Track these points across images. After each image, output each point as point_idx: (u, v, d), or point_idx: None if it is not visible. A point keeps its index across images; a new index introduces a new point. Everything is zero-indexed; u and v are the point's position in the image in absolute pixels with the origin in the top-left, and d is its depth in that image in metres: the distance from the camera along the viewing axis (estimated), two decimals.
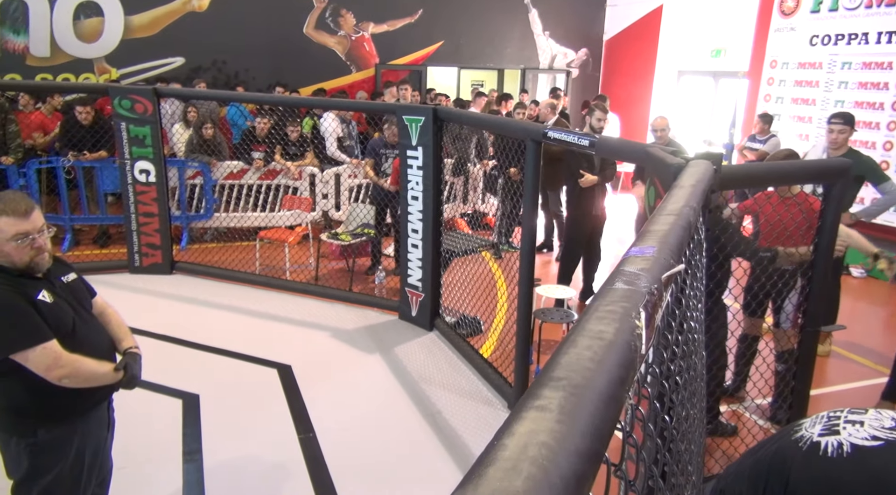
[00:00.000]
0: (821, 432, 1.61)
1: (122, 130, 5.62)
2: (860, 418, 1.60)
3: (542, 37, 11.34)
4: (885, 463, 1.39)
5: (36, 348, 1.96)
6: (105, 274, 5.70)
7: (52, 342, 1.99)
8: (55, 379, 2.00)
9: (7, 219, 1.98)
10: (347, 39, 10.04)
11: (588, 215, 5.38)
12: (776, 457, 1.75)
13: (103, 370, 2.14)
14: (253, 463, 3.27)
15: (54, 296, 2.08)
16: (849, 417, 1.61)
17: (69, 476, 2.15)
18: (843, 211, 4.32)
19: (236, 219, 6.92)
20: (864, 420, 1.59)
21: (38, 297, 2.02)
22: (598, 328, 0.61)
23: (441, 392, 4.06)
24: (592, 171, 5.24)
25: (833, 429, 1.60)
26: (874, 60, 7.30)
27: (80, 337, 2.12)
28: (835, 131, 4.53)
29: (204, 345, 4.54)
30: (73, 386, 2.05)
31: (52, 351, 1.98)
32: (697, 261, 1.41)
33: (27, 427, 2.06)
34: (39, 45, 8.37)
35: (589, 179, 5.19)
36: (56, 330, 2.02)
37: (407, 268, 5.02)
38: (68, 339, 2.06)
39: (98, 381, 2.13)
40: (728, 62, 9.49)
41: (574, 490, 0.41)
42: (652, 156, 2.34)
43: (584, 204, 5.34)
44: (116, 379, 2.18)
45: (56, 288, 2.12)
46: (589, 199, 5.32)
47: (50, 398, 2.05)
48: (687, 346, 1.16)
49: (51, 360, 1.98)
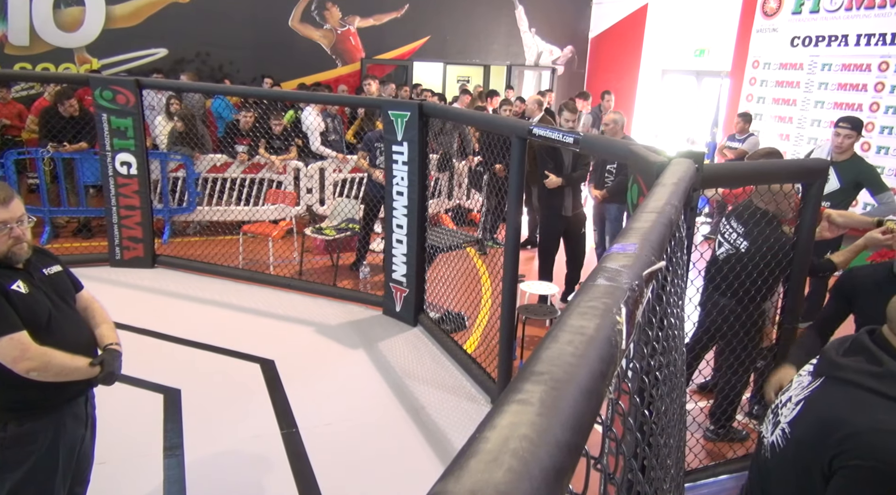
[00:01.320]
0: (771, 430, 1.68)
1: (104, 122, 5.54)
2: (787, 395, 1.71)
3: (528, 33, 11.36)
4: (811, 418, 1.53)
5: (2, 339, 1.92)
6: (86, 267, 5.62)
7: (21, 333, 1.95)
8: (22, 372, 1.96)
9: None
10: (333, 33, 9.98)
11: (558, 215, 5.34)
12: (752, 471, 1.83)
13: (76, 364, 2.09)
14: (235, 458, 3.26)
15: (31, 287, 2.05)
16: (780, 401, 1.71)
17: (41, 472, 2.10)
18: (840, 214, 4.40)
19: (219, 213, 6.86)
20: (790, 394, 1.69)
21: (11, 287, 1.98)
22: (580, 323, 0.62)
23: (424, 387, 4.07)
24: (560, 172, 5.21)
25: (776, 422, 1.68)
26: (853, 62, 7.41)
27: (55, 330, 2.07)
28: (841, 135, 4.50)
29: (186, 340, 4.50)
30: (42, 379, 2.00)
31: (20, 342, 1.94)
32: (679, 259, 1.43)
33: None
34: (18, 34, 8.22)
35: (553, 181, 5.18)
36: (28, 322, 1.98)
37: (391, 263, 5.02)
38: (42, 332, 2.02)
39: (70, 376, 2.08)
40: (711, 62, 9.58)
41: (554, 482, 0.41)
42: (635, 154, 2.36)
43: (554, 203, 5.32)
44: (91, 375, 2.12)
45: (35, 279, 2.09)
46: (558, 199, 5.29)
47: (19, 390, 2.01)
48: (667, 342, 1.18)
49: (17, 352, 1.94)
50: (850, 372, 1.49)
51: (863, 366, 1.48)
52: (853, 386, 1.47)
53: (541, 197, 5.51)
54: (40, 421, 2.09)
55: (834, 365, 1.54)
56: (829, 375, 1.54)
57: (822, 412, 1.50)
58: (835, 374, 1.53)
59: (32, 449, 2.08)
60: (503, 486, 0.38)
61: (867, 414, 1.41)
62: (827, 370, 1.56)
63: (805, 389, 1.60)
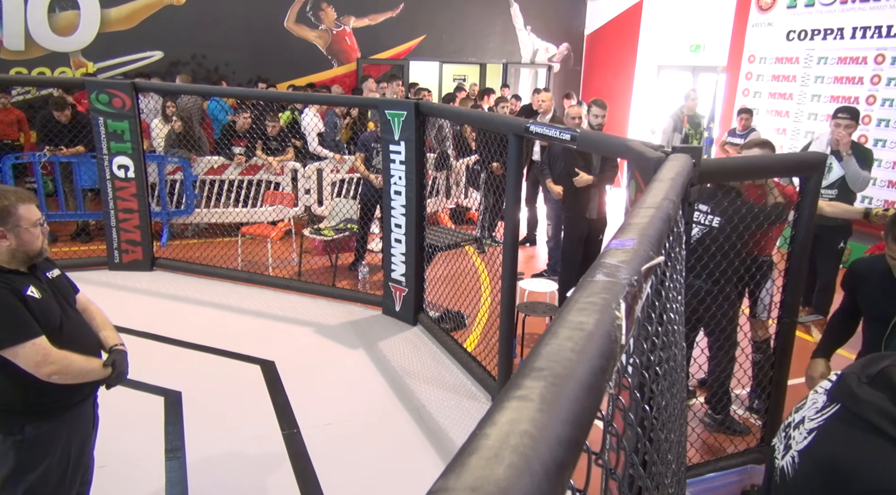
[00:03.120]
0: (783, 453, 1.58)
1: (100, 125, 5.53)
2: (801, 415, 1.53)
3: (523, 31, 11.35)
4: (822, 456, 1.36)
5: (25, 344, 1.94)
6: (84, 270, 5.62)
7: (41, 338, 1.98)
8: (44, 376, 1.98)
9: (27, 206, 2.03)
10: (328, 33, 9.97)
11: (582, 217, 5.07)
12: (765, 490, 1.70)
13: (91, 366, 2.13)
14: (236, 460, 3.26)
15: (42, 291, 2.07)
16: (794, 420, 1.53)
17: (56, 472, 2.13)
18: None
19: (218, 215, 6.85)
20: (804, 414, 1.53)
21: (26, 293, 2.00)
22: (579, 319, 0.62)
23: (425, 386, 4.07)
24: (590, 171, 4.97)
25: (787, 445, 1.56)
26: (849, 55, 7.41)
27: (67, 333, 2.11)
28: (842, 126, 4.55)
29: (186, 342, 4.50)
30: (62, 382, 2.03)
31: (42, 347, 1.97)
32: (677, 254, 1.43)
33: (14, 423, 2.05)
34: (13, 39, 8.20)
35: (584, 179, 4.92)
36: (44, 326, 2.01)
37: (390, 262, 5.01)
38: (56, 335, 2.05)
39: (87, 378, 2.12)
40: (707, 57, 9.58)
41: (555, 477, 0.41)
42: (632, 150, 2.36)
43: (579, 205, 5.04)
44: (104, 376, 2.17)
45: (43, 283, 2.11)
46: (583, 200, 5.03)
47: (38, 394, 2.03)
48: (667, 337, 1.18)
49: (40, 357, 1.96)
50: (872, 413, 1.30)
51: (886, 407, 1.30)
52: (873, 432, 1.28)
53: (565, 198, 5.23)
54: (55, 423, 2.11)
55: (853, 398, 1.35)
56: (846, 406, 1.36)
57: (838, 451, 1.33)
58: (853, 409, 1.34)
59: (48, 451, 2.11)
60: (504, 482, 0.38)
61: (889, 470, 1.24)
62: (845, 399, 1.38)
63: (820, 414, 1.42)
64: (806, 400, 1.55)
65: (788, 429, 1.54)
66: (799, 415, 1.51)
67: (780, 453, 1.54)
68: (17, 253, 2.03)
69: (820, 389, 1.51)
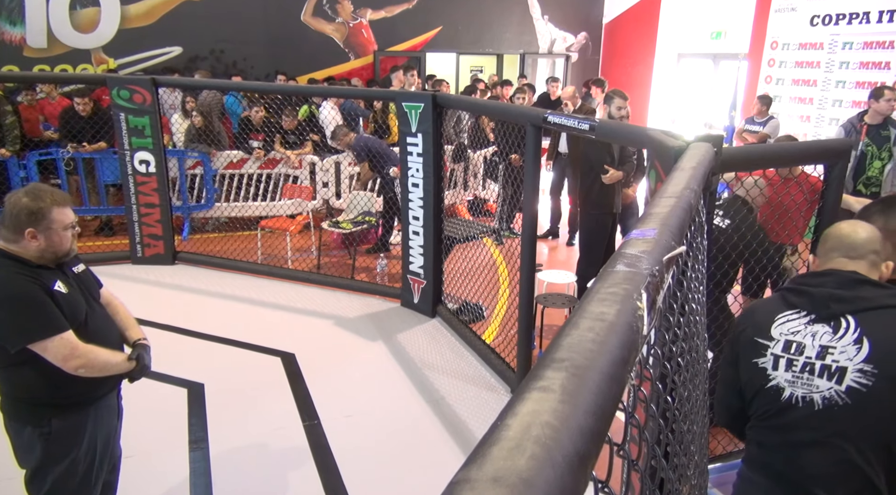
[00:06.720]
0: (802, 381, 1.65)
1: (121, 121, 5.60)
2: (789, 336, 1.67)
3: (540, 21, 11.25)
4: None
5: (54, 338, 1.98)
6: (107, 265, 5.71)
7: (69, 332, 2.02)
8: (71, 370, 2.02)
9: (62, 209, 2.06)
10: (345, 26, 9.97)
11: (609, 213, 4.92)
12: (768, 436, 1.79)
13: (117, 360, 2.17)
14: (259, 450, 3.30)
15: (68, 286, 2.11)
16: (776, 348, 1.68)
17: (82, 463, 2.18)
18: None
19: (237, 209, 6.91)
20: (798, 338, 1.66)
21: (54, 287, 2.04)
22: (600, 310, 0.61)
23: (444, 378, 4.08)
24: (615, 165, 4.79)
25: (798, 374, 1.66)
26: (875, 40, 7.24)
27: (93, 327, 2.14)
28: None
29: (207, 335, 4.56)
30: (89, 375, 2.07)
31: (69, 341, 2.01)
32: (699, 244, 1.41)
33: (42, 416, 2.09)
34: (36, 36, 8.31)
35: (614, 175, 4.75)
36: (71, 320, 2.05)
37: (409, 255, 5.02)
38: (82, 329, 2.08)
39: (112, 371, 2.16)
40: (728, 44, 9.41)
41: (577, 468, 0.41)
42: (652, 140, 2.33)
43: (605, 201, 4.87)
44: (129, 369, 2.21)
45: (69, 278, 2.15)
46: (609, 196, 4.86)
47: (64, 387, 2.07)
48: (689, 328, 1.17)
49: (68, 351, 2.00)
50: (885, 299, 1.55)
51: (879, 292, 1.57)
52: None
53: (589, 195, 4.95)
54: (81, 415, 2.15)
55: (854, 299, 1.56)
56: (858, 309, 1.55)
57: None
58: (868, 306, 1.54)
59: (75, 442, 2.15)
60: (526, 473, 0.38)
61: None
62: (848, 306, 1.57)
63: (832, 331, 1.57)
64: (780, 334, 1.64)
65: (777, 360, 1.61)
66: (783, 338, 1.62)
67: (793, 384, 1.57)
68: (46, 253, 2.06)
69: (792, 316, 1.65)
